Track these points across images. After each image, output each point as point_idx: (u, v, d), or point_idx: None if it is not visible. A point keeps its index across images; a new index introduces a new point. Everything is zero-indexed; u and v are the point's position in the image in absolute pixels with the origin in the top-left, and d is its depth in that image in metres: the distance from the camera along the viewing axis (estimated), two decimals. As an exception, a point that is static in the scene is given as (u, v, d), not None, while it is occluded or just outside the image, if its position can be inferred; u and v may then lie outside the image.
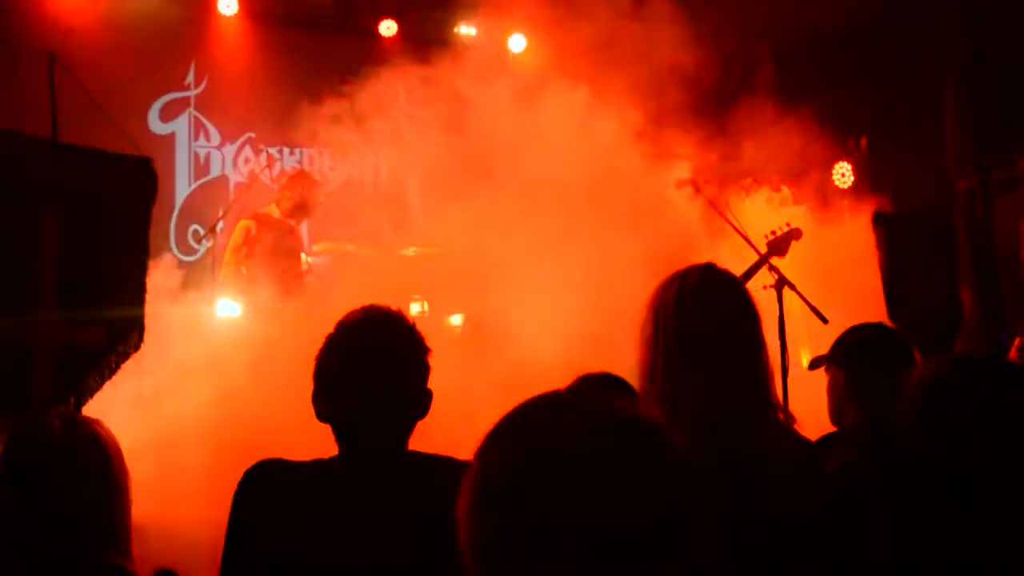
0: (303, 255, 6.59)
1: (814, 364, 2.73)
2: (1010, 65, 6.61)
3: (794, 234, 4.95)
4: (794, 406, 4.04)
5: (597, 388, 2.17)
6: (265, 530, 1.87)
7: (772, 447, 1.85)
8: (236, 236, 5.56)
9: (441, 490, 1.90)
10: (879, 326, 2.73)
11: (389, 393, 1.94)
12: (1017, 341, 3.59)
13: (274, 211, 5.65)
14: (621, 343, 2.24)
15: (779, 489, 1.81)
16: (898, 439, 2.13)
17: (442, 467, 1.97)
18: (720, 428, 1.79)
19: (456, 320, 7.50)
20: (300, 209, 5.66)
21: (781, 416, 1.96)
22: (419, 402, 2.00)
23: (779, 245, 4.88)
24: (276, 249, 5.53)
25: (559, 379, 2.36)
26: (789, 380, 4.27)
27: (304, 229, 7.38)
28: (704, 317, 1.87)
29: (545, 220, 5.83)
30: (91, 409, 3.86)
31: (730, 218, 4.63)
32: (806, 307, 4.49)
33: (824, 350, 2.71)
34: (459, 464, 1.98)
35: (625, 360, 2.19)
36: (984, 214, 6.70)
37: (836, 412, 2.56)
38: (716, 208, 4.64)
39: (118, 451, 2.07)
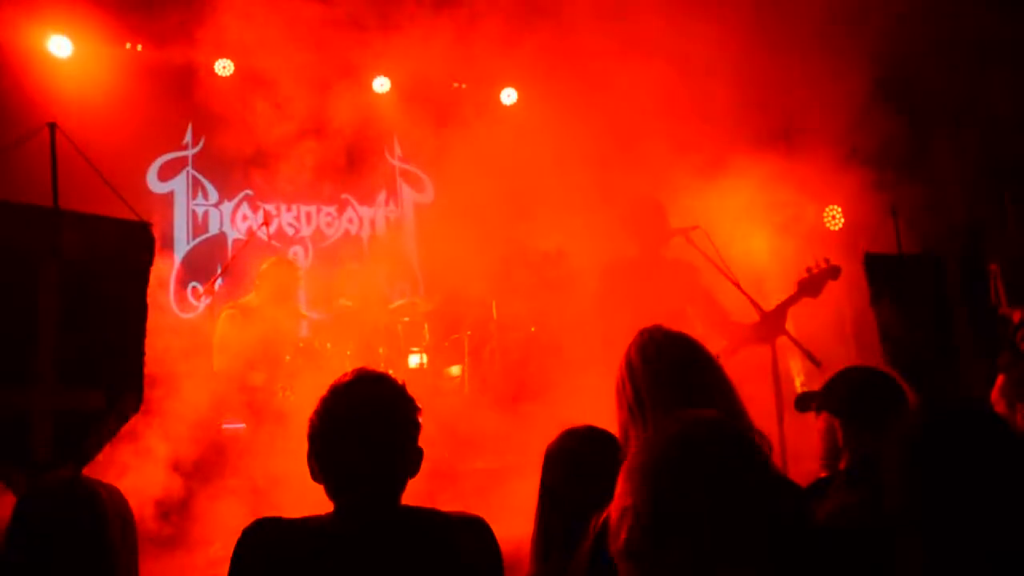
0: (302, 319, 6.63)
1: (802, 404, 2.71)
2: (999, 96, 6.73)
3: (831, 272, 4.56)
4: (793, 449, 4.05)
5: (580, 442, 2.22)
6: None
7: None
8: (222, 326, 5.57)
9: (433, 544, 1.95)
10: (871, 370, 2.69)
11: (379, 453, 2.00)
12: (1000, 379, 3.58)
13: (253, 300, 5.68)
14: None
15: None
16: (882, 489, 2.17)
17: (434, 522, 2.00)
18: None
19: (455, 371, 7.53)
20: (278, 297, 5.69)
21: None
22: (410, 461, 2.05)
23: (812, 285, 4.54)
24: (261, 337, 5.57)
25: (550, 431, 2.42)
26: (787, 423, 4.26)
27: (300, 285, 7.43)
28: (653, 374, 2.01)
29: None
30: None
31: (723, 268, 4.56)
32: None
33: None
34: (450, 518, 2.01)
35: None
36: (975, 253, 6.74)
37: (829, 457, 2.55)
38: (709, 258, 4.61)
39: (124, 511, 2.09)
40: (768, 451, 2.00)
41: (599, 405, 2.74)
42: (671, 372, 2.01)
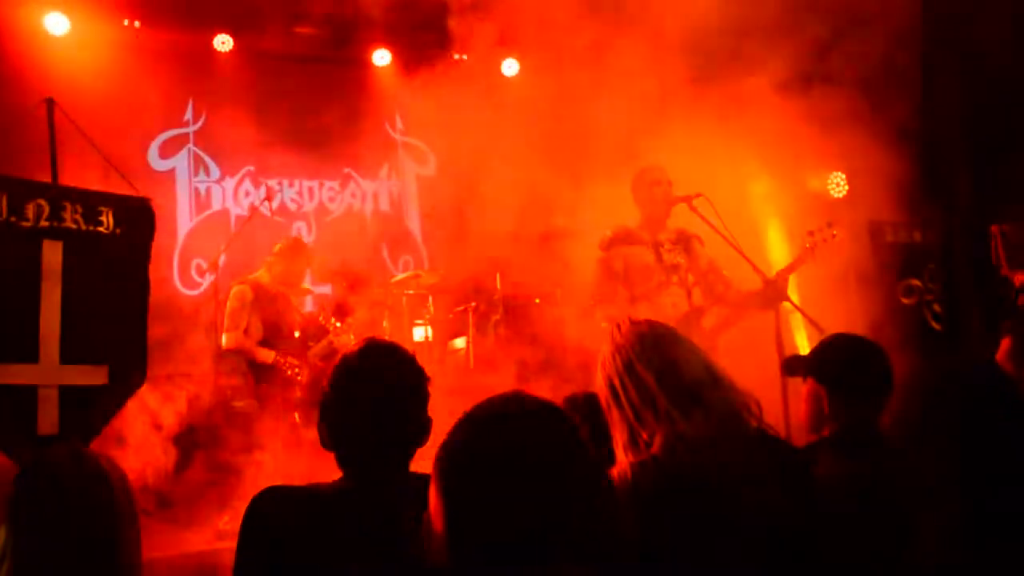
0: (306, 294, 6.63)
1: (789, 368, 2.71)
2: (1005, 80, 6.67)
3: (834, 238, 4.60)
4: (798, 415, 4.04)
5: (580, 408, 2.23)
6: (271, 554, 1.92)
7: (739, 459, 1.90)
8: (233, 302, 5.56)
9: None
10: (858, 339, 2.67)
11: (387, 421, 2.01)
12: (1005, 342, 3.56)
13: (264, 276, 5.67)
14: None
15: (762, 501, 1.85)
16: (888, 443, 2.18)
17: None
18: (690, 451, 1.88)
19: (460, 344, 7.55)
20: (289, 278, 5.69)
21: (755, 423, 2.00)
22: (419, 429, 2.06)
23: (815, 250, 4.57)
24: (271, 314, 5.57)
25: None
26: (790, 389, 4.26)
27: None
28: (624, 359, 2.02)
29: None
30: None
31: (727, 236, 4.53)
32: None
33: None
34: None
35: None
36: (979, 218, 6.70)
37: (814, 422, 2.56)
38: (712, 226, 4.58)
39: (126, 486, 2.09)
40: (759, 414, 2.01)
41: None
42: (643, 350, 2.01)
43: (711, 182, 4.95)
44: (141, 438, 5.01)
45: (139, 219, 3.97)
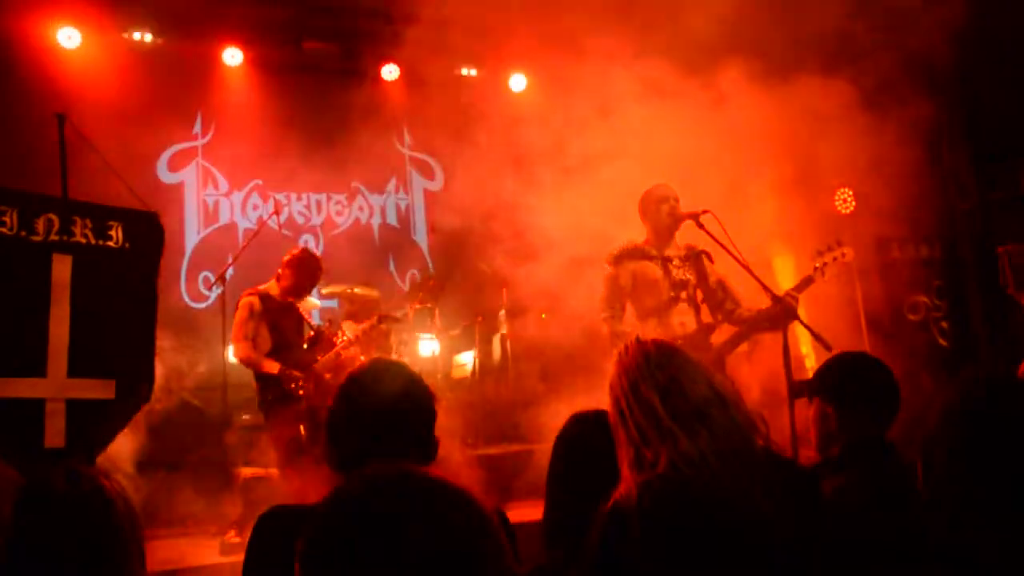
0: (314, 307, 6.63)
1: (796, 392, 2.71)
2: (1006, 80, 6.67)
3: (843, 255, 4.60)
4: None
5: (587, 427, 2.22)
6: (277, 575, 1.91)
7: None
8: (241, 312, 5.55)
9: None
10: (863, 355, 2.69)
11: (393, 441, 2.00)
12: None
13: (273, 288, 5.67)
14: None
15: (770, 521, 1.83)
16: (898, 459, 2.17)
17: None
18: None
19: (467, 358, 7.55)
20: (299, 289, 5.69)
21: (761, 442, 1.99)
22: (425, 449, 2.06)
23: (823, 269, 4.56)
24: (280, 325, 5.56)
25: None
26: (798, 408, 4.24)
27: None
28: (632, 381, 2.00)
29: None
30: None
31: (735, 253, 4.52)
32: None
33: None
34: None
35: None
36: (986, 235, 6.69)
37: (823, 442, 2.55)
38: (718, 241, 4.56)
39: (128, 503, 2.07)
40: (766, 432, 2.00)
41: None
42: (648, 369, 2.01)
43: (719, 199, 4.95)
44: (147, 449, 5.01)
45: (148, 234, 3.97)
